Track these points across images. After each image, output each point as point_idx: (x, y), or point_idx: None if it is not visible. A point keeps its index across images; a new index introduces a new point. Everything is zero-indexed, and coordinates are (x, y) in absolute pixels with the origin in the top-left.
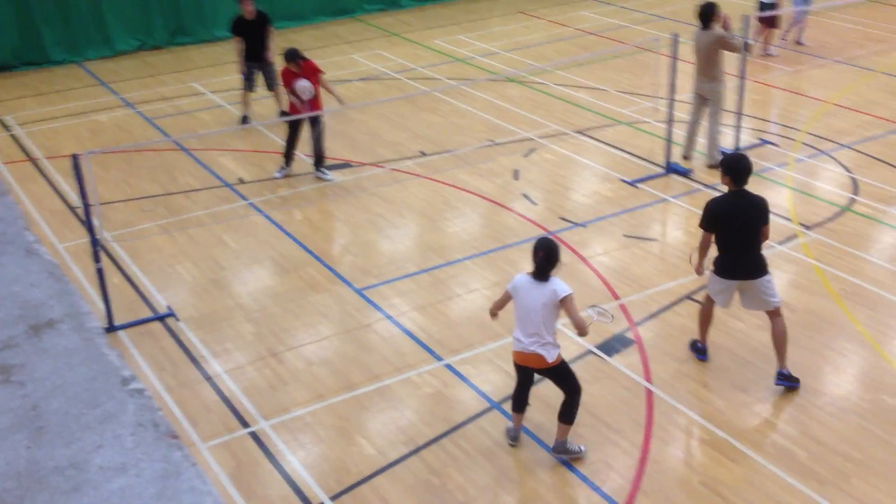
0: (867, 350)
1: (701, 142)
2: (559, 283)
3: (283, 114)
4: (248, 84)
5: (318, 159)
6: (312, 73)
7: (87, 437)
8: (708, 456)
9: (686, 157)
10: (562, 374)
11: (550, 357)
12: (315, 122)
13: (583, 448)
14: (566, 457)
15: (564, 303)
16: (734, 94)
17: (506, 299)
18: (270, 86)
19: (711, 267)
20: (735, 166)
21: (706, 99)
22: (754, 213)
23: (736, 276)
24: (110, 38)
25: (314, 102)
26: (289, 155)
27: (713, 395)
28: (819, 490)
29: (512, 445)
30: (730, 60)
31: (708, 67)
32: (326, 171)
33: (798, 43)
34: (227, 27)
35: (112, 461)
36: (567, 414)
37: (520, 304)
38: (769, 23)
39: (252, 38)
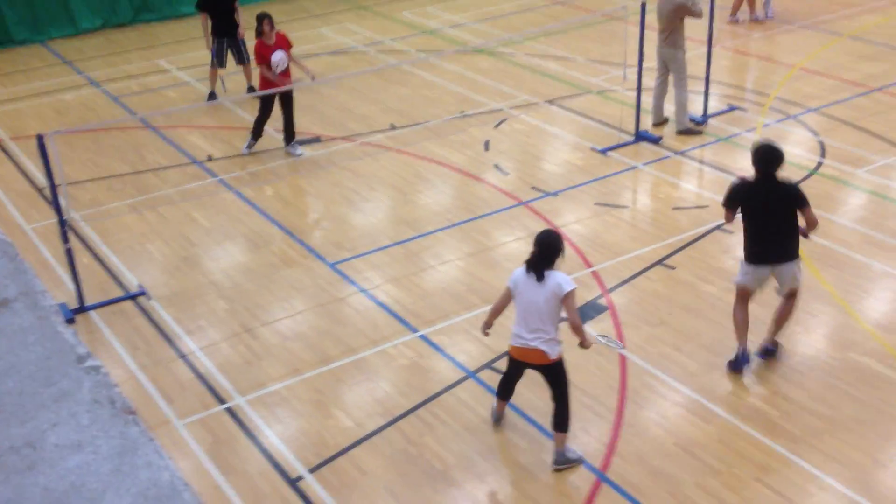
0: (836, 309)
1: (670, 108)
2: (563, 278)
3: (251, 89)
4: (219, 60)
5: (290, 135)
6: (285, 45)
7: (43, 416)
8: (681, 417)
9: (656, 125)
10: (558, 373)
11: (553, 354)
12: (288, 97)
13: (581, 454)
14: (567, 466)
15: (567, 298)
16: (702, 61)
17: (506, 299)
18: (240, 60)
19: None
20: (759, 156)
21: (668, 64)
22: (778, 201)
23: (758, 262)
24: (74, 17)
25: (287, 75)
26: (258, 131)
27: (686, 357)
28: (791, 448)
29: (497, 425)
30: (697, 28)
31: (669, 33)
32: (297, 147)
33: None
34: (193, 3)
35: (68, 439)
36: (562, 423)
37: (521, 300)
38: None
39: (218, 13)
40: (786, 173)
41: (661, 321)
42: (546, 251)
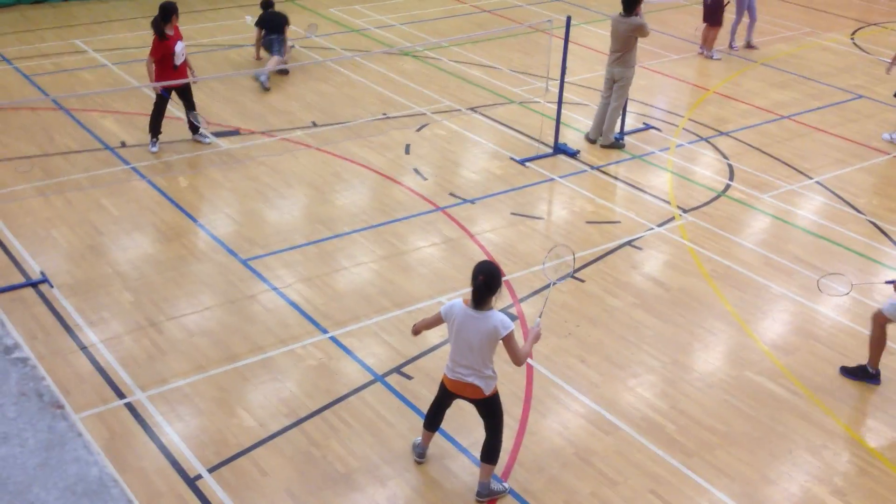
0: (734, 328)
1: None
2: (501, 318)
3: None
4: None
5: (195, 124)
6: (180, 36)
7: None
8: (582, 428)
9: (592, 141)
10: (494, 407)
11: (488, 389)
12: (187, 87)
13: (507, 486)
14: (492, 497)
15: (507, 340)
16: None
17: (435, 322)
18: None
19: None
20: None
21: (615, 82)
22: None
23: None
24: None
25: (185, 66)
26: (157, 127)
27: (589, 369)
28: (685, 461)
29: (419, 462)
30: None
31: (622, 53)
32: (206, 135)
33: (749, 46)
34: None
35: None
36: (492, 455)
37: (457, 335)
38: (712, 21)
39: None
40: (692, 192)
41: (569, 332)
42: (491, 283)
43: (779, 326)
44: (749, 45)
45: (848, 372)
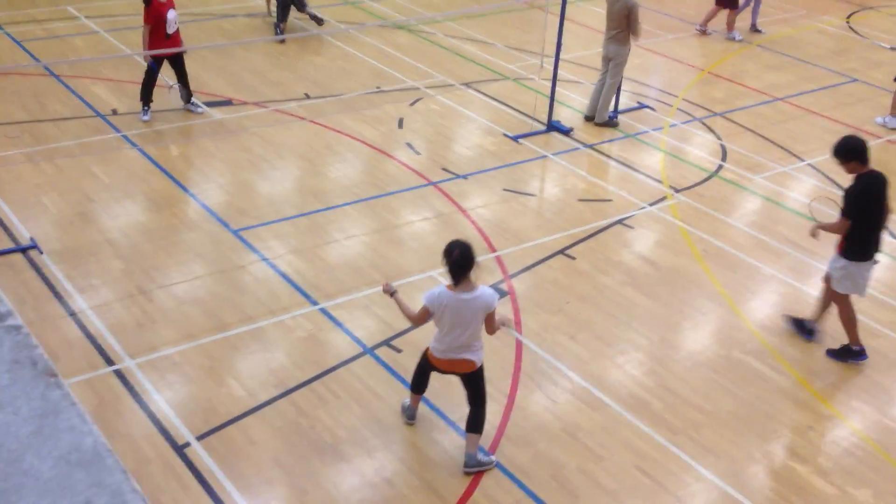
0: (724, 308)
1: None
2: (490, 293)
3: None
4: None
5: (188, 93)
6: (172, 4)
7: None
8: (570, 404)
9: (588, 119)
10: (479, 379)
11: (479, 360)
12: (180, 56)
13: (494, 458)
14: (479, 469)
15: (491, 313)
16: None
17: (422, 318)
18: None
19: (839, 264)
20: (860, 147)
21: (611, 60)
22: (887, 188)
23: (874, 254)
24: None
25: (178, 34)
26: (148, 96)
27: (579, 346)
28: (671, 439)
29: (409, 424)
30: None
31: (617, 31)
32: (198, 104)
33: (754, 28)
34: None
35: None
36: (478, 425)
37: (451, 320)
38: (727, 3)
39: None
40: (684, 172)
41: (559, 309)
42: (467, 257)
43: (768, 307)
44: (754, 29)
45: (834, 354)
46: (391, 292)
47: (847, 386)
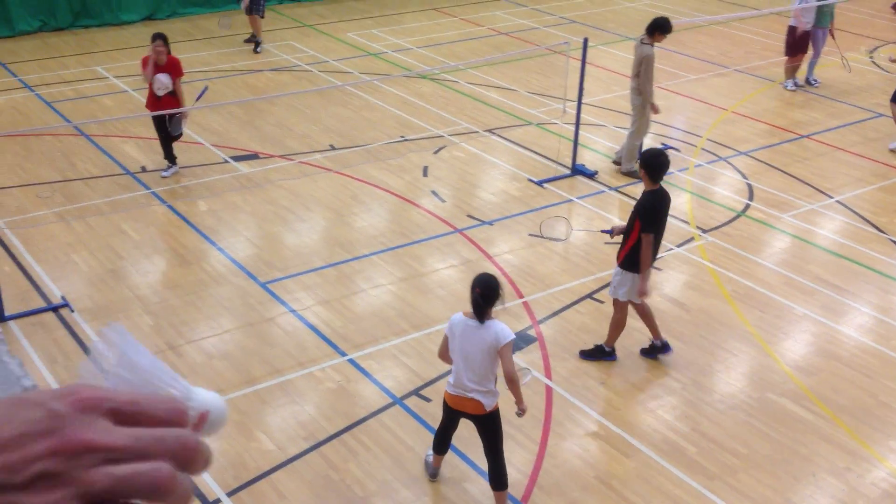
0: (756, 349)
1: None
2: (501, 327)
3: (253, 38)
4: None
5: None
6: (174, 69)
7: None
8: (603, 451)
9: (616, 163)
10: (494, 424)
11: (490, 405)
12: (170, 120)
13: None
14: None
15: (504, 349)
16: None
17: (444, 346)
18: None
19: (617, 275)
20: (654, 162)
21: (633, 107)
22: (668, 207)
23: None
24: (11, 18)
25: (167, 100)
26: (169, 152)
27: (610, 392)
28: (707, 485)
29: (432, 481)
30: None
31: (634, 77)
32: (171, 168)
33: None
34: (133, 11)
35: None
36: (501, 480)
37: (458, 348)
38: (798, 49)
39: None
40: (711, 212)
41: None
42: (490, 295)
43: (801, 347)
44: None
45: (586, 354)
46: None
47: (884, 426)
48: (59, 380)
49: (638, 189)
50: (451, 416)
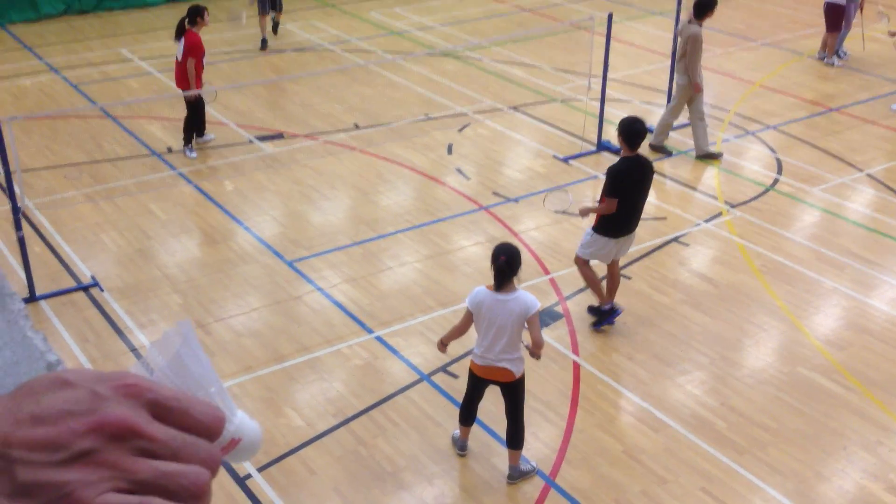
0: (785, 324)
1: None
2: (530, 297)
3: (264, 43)
4: (262, 6)
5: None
6: (190, 49)
7: None
8: (630, 426)
9: (652, 146)
10: (520, 390)
11: (518, 371)
12: (185, 101)
13: (534, 464)
14: (523, 477)
15: (532, 319)
16: (665, 74)
17: (468, 322)
18: (273, 6)
19: (587, 236)
20: (630, 129)
21: (678, 86)
22: (650, 175)
23: (623, 233)
24: (36, 1)
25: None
26: (201, 128)
27: (637, 367)
28: (737, 459)
29: (461, 455)
30: (665, 42)
31: (680, 58)
32: (193, 148)
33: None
34: None
35: None
36: (518, 440)
37: (487, 320)
38: (831, 26)
39: None
40: (740, 187)
41: (615, 330)
42: (513, 263)
43: (831, 321)
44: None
45: (596, 320)
46: None
47: None
48: (90, 358)
49: (667, 163)
50: (479, 386)
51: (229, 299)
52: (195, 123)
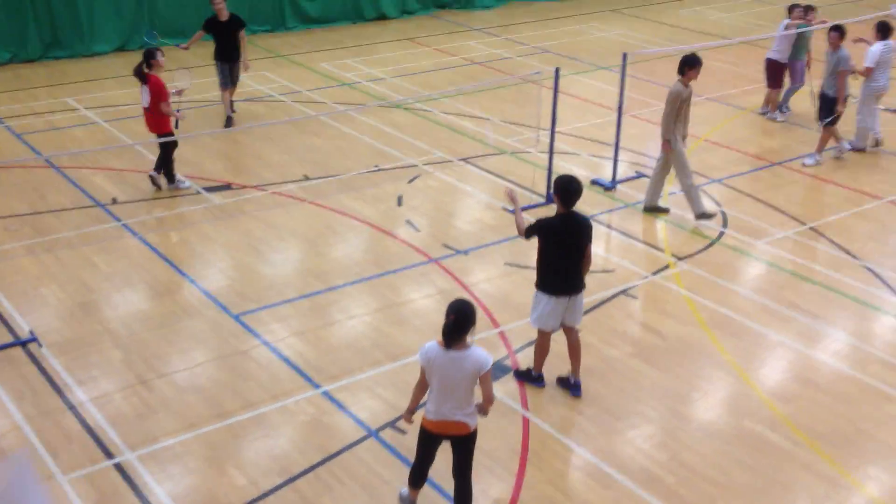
0: (732, 377)
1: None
2: (481, 353)
3: (229, 120)
4: (223, 81)
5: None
6: (158, 92)
7: None
8: (580, 482)
9: (645, 208)
10: (471, 444)
11: (473, 424)
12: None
13: None
14: None
15: (486, 375)
16: (612, 127)
17: (424, 378)
18: (233, 82)
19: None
20: (565, 188)
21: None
22: (586, 233)
23: (562, 292)
24: None
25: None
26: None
27: (587, 421)
28: None
29: None
30: (610, 96)
31: (664, 116)
32: (183, 179)
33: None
34: (104, 41)
35: None
36: (466, 498)
37: (438, 377)
38: (779, 81)
39: (223, 38)
40: (686, 240)
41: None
42: (463, 322)
43: (777, 374)
44: (782, 109)
45: (519, 375)
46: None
47: (862, 452)
48: (26, 416)
49: (614, 216)
50: (431, 445)
51: (173, 354)
52: (169, 162)
